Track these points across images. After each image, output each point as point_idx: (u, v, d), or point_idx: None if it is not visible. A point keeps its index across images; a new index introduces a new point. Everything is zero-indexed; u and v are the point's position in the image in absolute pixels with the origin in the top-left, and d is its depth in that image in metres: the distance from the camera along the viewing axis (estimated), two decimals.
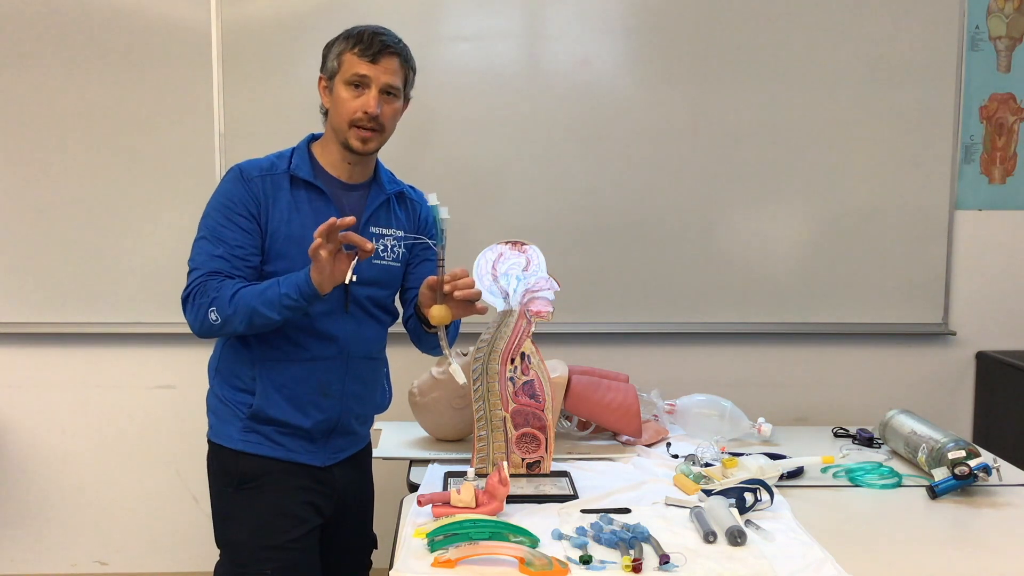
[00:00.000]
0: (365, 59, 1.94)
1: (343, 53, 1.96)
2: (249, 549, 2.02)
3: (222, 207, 1.94)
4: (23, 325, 3.20)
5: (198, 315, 1.90)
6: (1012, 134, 3.37)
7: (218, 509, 2.07)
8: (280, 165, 2.00)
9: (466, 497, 1.92)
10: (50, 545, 3.33)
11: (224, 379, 2.05)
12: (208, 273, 1.91)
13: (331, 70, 1.98)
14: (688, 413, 2.60)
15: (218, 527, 2.08)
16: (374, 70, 1.94)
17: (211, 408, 2.08)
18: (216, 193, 1.98)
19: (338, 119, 1.97)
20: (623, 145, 3.22)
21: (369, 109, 1.94)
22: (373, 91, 1.95)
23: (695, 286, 3.28)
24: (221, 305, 1.87)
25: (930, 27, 3.24)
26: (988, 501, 2.13)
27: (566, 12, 3.18)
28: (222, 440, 2.04)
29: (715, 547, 1.83)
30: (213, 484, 2.08)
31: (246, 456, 2.01)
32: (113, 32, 3.10)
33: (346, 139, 1.98)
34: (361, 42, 1.94)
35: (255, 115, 3.13)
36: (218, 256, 1.91)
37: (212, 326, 1.89)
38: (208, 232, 1.94)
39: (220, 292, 1.88)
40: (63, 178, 3.15)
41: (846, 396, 3.38)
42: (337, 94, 1.97)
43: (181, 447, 3.28)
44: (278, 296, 1.85)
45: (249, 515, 2.02)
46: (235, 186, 1.94)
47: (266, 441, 2.02)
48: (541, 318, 2.14)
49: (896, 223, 3.31)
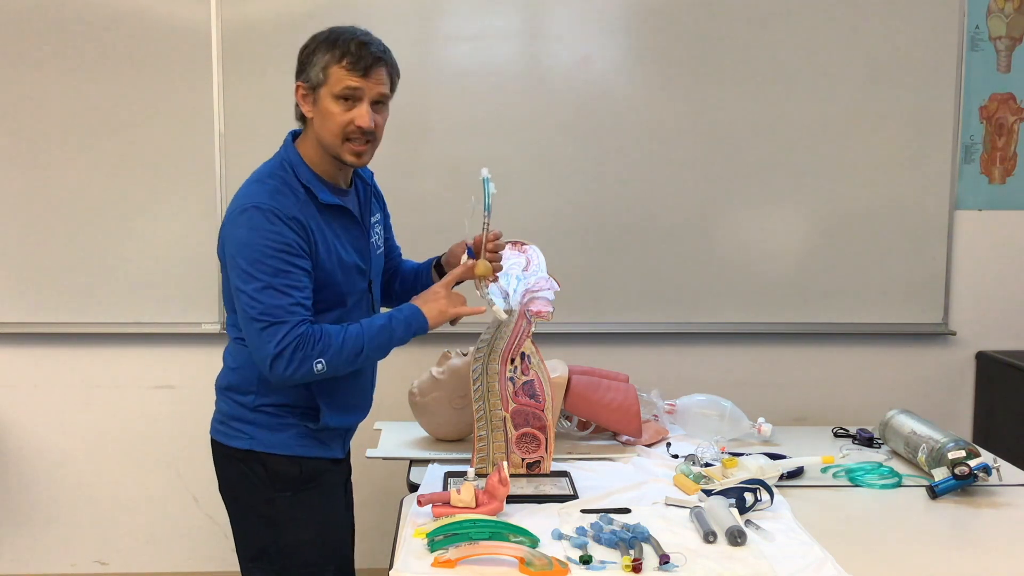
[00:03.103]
0: (356, 73, 1.88)
1: (329, 66, 1.89)
2: (317, 547, 2.02)
3: (276, 252, 1.84)
4: (23, 325, 3.20)
5: (300, 368, 1.85)
6: (1012, 134, 3.37)
7: (269, 516, 2.00)
8: (296, 189, 1.92)
9: (466, 497, 1.92)
10: (50, 545, 3.33)
11: (268, 394, 1.98)
12: (296, 325, 1.85)
13: (315, 81, 1.90)
14: (688, 413, 2.60)
15: (265, 535, 2.01)
16: (366, 83, 1.89)
17: (248, 420, 2.00)
18: (254, 236, 1.85)
19: (328, 134, 1.91)
20: (623, 145, 3.22)
21: (363, 124, 1.90)
22: (365, 105, 1.90)
23: (695, 286, 3.28)
24: (331, 356, 1.87)
25: (930, 27, 3.24)
26: (988, 501, 2.13)
27: (566, 12, 3.18)
28: (273, 449, 1.99)
29: (715, 547, 1.83)
30: (254, 493, 2.01)
31: (307, 459, 2.02)
32: (113, 32, 3.09)
33: (339, 154, 1.93)
34: (349, 54, 1.87)
35: (255, 115, 3.13)
36: (295, 304, 1.85)
37: (313, 375, 1.88)
38: (271, 280, 1.84)
39: (325, 342, 1.87)
40: (63, 178, 3.15)
41: (846, 396, 3.38)
42: (325, 107, 1.90)
43: (181, 447, 3.28)
44: (391, 340, 1.95)
45: (315, 515, 2.02)
46: (279, 227, 1.85)
47: (320, 444, 2.04)
48: (541, 318, 2.14)
49: (896, 223, 3.31)
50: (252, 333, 1.87)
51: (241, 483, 2.02)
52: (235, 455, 2.01)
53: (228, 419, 2.03)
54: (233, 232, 1.88)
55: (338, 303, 1.99)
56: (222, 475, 2.08)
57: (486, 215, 2.02)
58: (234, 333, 2.02)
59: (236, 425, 2.01)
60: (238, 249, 1.86)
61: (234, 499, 2.07)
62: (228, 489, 2.07)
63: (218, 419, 2.06)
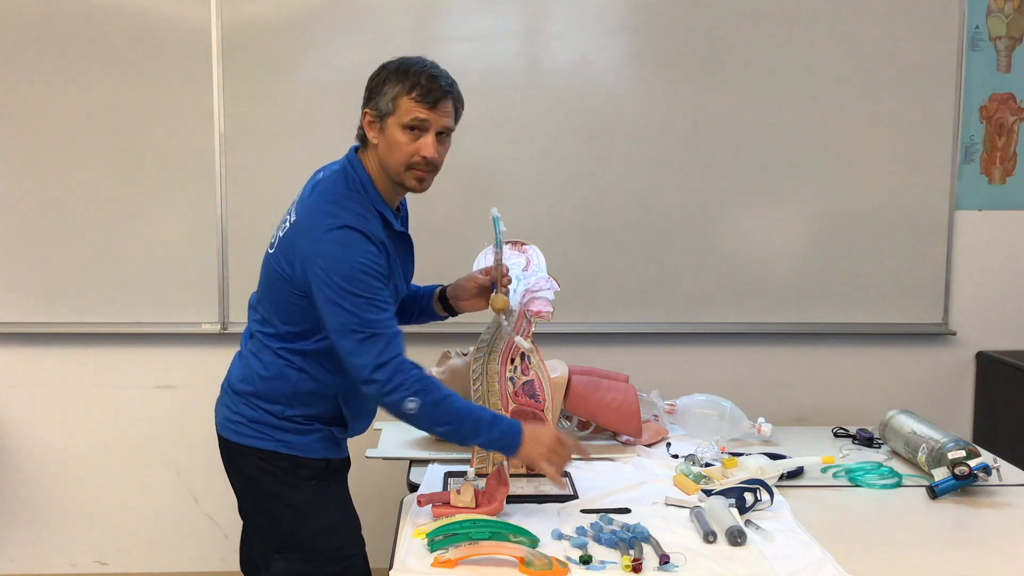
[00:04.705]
0: (424, 105, 1.94)
1: (399, 97, 1.94)
2: (345, 533, 2.06)
3: (372, 271, 1.90)
4: (23, 325, 3.20)
5: (394, 392, 1.89)
6: (1012, 134, 3.37)
7: (294, 505, 2.02)
8: (373, 213, 1.98)
9: (466, 497, 1.93)
10: (50, 545, 3.33)
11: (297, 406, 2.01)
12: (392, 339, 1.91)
13: (384, 111, 1.96)
14: (688, 413, 2.60)
15: (291, 523, 2.02)
16: (433, 115, 1.96)
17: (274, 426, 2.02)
18: (351, 255, 1.90)
19: (394, 162, 1.97)
20: (623, 145, 3.22)
21: (428, 155, 1.96)
22: (431, 136, 1.96)
23: (695, 286, 3.28)
24: (427, 402, 1.90)
25: (930, 27, 3.24)
26: (988, 501, 2.13)
27: (566, 12, 3.18)
28: (300, 452, 2.02)
29: (715, 547, 1.83)
30: (278, 483, 2.02)
31: (331, 460, 2.07)
32: (113, 32, 3.09)
33: (402, 180, 1.99)
34: (419, 86, 1.94)
35: (255, 115, 3.13)
36: (391, 319, 1.93)
37: (400, 410, 1.91)
38: (371, 295, 1.90)
39: (427, 385, 1.91)
40: (63, 178, 3.14)
41: (846, 396, 3.37)
42: (392, 136, 1.96)
43: (181, 447, 3.28)
44: (478, 439, 1.97)
45: (341, 501, 2.09)
46: (372, 249, 1.92)
47: (338, 447, 2.10)
48: (541, 318, 2.14)
49: (896, 223, 3.30)
50: (350, 345, 1.89)
51: (265, 477, 2.02)
52: (257, 454, 2.01)
53: (250, 422, 2.02)
54: (327, 249, 1.91)
55: None
56: (239, 472, 2.07)
57: (498, 251, 2.10)
58: (276, 344, 2.01)
59: (261, 429, 2.01)
60: (334, 266, 1.89)
61: (254, 493, 2.06)
62: (249, 485, 2.06)
63: (235, 419, 2.04)
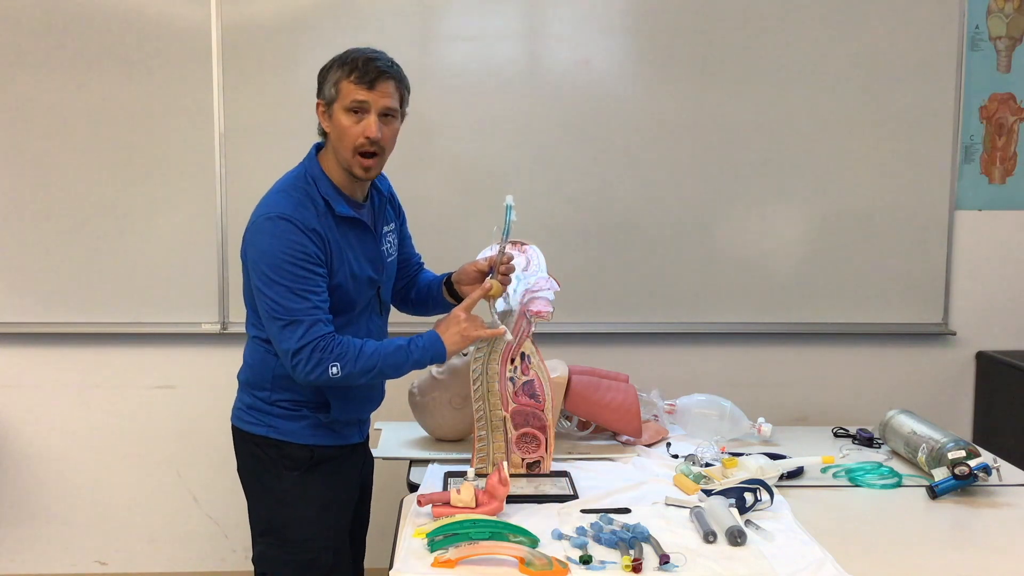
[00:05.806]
0: (362, 86, 2.01)
1: (340, 81, 2.03)
2: (317, 526, 2.12)
3: (297, 259, 1.97)
4: (23, 325, 3.20)
5: (316, 368, 1.97)
6: (1012, 134, 3.37)
7: (277, 494, 2.12)
8: (316, 202, 2.04)
9: (466, 497, 1.93)
10: (50, 545, 3.33)
11: (281, 391, 2.11)
12: (313, 324, 1.97)
13: (329, 97, 2.05)
14: (688, 413, 2.60)
15: (273, 511, 2.13)
16: (372, 95, 2.02)
17: (265, 411, 2.13)
18: (277, 244, 1.98)
19: (342, 147, 2.05)
20: (623, 145, 3.22)
21: (370, 134, 2.02)
22: (372, 116, 2.03)
23: (695, 286, 3.28)
24: (346, 362, 1.98)
25: (930, 27, 3.24)
26: (988, 501, 2.13)
27: (566, 12, 3.18)
28: (288, 437, 2.12)
29: (715, 547, 1.83)
30: (267, 472, 2.13)
31: (319, 447, 2.13)
32: (113, 32, 3.09)
33: (351, 167, 2.06)
34: (356, 69, 2.01)
35: (255, 115, 3.13)
36: (313, 308, 1.98)
37: (328, 378, 1.99)
38: (291, 284, 1.97)
39: (344, 349, 1.99)
40: (63, 178, 3.15)
41: (846, 396, 3.37)
42: (338, 121, 2.04)
43: (181, 447, 3.28)
44: (407, 362, 2.04)
45: (318, 495, 2.13)
46: (300, 237, 1.98)
47: (332, 433, 2.15)
48: (541, 318, 2.14)
49: (896, 223, 3.30)
50: (274, 331, 2.00)
51: (256, 464, 2.15)
52: (252, 439, 2.14)
53: (248, 408, 2.16)
54: (257, 239, 2.02)
55: (346, 308, 2.10)
56: (240, 457, 2.20)
57: (504, 239, 2.13)
58: (252, 331, 2.14)
59: (255, 415, 2.14)
60: (261, 255, 2.00)
61: (249, 479, 2.19)
62: (245, 470, 2.19)
63: (237, 407, 2.19)
